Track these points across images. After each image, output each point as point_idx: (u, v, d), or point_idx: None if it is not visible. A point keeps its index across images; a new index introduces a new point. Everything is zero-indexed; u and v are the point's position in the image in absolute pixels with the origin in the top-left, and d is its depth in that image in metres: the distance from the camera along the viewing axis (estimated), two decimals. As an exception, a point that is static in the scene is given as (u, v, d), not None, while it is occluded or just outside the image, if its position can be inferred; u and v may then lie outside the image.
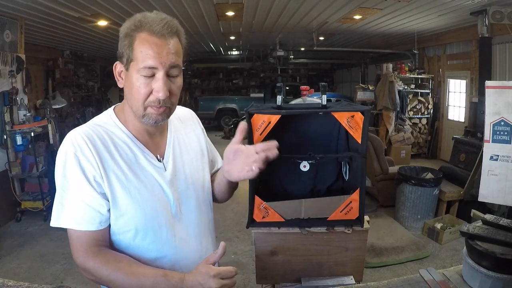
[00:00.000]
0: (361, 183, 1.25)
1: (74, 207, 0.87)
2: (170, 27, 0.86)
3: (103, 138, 0.91)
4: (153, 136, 0.98)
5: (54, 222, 0.89)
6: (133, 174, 0.92)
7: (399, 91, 6.57)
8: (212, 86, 14.23)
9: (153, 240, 0.93)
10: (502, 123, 1.42)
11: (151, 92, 0.86)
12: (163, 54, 0.84)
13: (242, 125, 0.95)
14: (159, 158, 0.98)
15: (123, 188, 0.90)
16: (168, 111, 0.92)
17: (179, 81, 0.91)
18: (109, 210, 0.89)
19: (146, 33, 0.84)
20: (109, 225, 0.91)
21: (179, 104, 1.01)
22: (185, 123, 1.10)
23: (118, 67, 0.91)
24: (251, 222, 1.26)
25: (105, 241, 0.91)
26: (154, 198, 0.94)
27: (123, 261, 0.88)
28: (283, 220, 1.27)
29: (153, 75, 0.85)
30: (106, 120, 0.96)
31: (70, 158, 0.87)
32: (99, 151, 0.89)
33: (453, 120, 6.85)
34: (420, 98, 7.06)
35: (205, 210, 1.07)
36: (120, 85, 0.93)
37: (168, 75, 0.87)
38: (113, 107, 1.00)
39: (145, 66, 0.84)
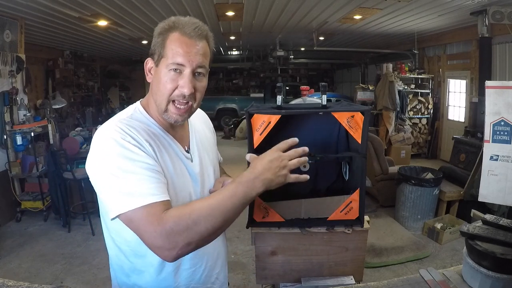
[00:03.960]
0: (361, 183, 1.24)
1: (145, 182, 0.83)
2: (201, 30, 0.93)
3: (142, 129, 0.93)
4: (178, 129, 1.04)
5: (121, 208, 0.82)
6: (172, 163, 0.96)
7: (399, 91, 6.57)
8: (212, 86, 14.23)
9: None
10: (502, 123, 1.42)
11: (176, 88, 0.92)
12: (192, 53, 0.91)
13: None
14: (186, 149, 1.04)
15: (167, 174, 0.93)
16: (190, 109, 0.97)
17: (204, 81, 0.97)
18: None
19: (178, 33, 0.91)
20: None
21: None
22: (200, 119, 1.19)
23: (149, 63, 0.97)
24: (251, 222, 1.26)
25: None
26: (185, 188, 0.99)
27: (192, 202, 0.87)
28: (283, 220, 1.27)
29: (180, 72, 0.91)
30: (136, 114, 0.98)
31: (121, 141, 0.86)
32: (146, 138, 0.91)
33: (453, 120, 6.85)
34: (420, 98, 7.06)
35: None
36: (148, 80, 0.98)
37: (194, 74, 0.93)
38: (139, 102, 1.02)
39: (174, 62, 0.90)
